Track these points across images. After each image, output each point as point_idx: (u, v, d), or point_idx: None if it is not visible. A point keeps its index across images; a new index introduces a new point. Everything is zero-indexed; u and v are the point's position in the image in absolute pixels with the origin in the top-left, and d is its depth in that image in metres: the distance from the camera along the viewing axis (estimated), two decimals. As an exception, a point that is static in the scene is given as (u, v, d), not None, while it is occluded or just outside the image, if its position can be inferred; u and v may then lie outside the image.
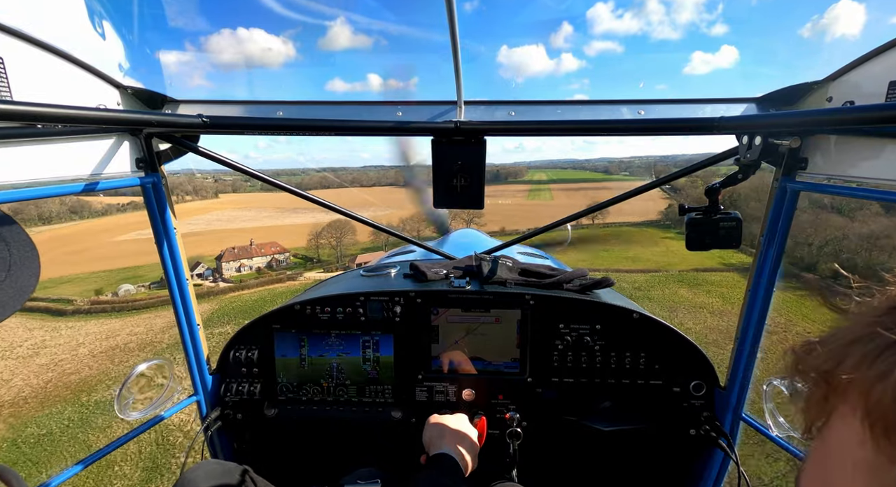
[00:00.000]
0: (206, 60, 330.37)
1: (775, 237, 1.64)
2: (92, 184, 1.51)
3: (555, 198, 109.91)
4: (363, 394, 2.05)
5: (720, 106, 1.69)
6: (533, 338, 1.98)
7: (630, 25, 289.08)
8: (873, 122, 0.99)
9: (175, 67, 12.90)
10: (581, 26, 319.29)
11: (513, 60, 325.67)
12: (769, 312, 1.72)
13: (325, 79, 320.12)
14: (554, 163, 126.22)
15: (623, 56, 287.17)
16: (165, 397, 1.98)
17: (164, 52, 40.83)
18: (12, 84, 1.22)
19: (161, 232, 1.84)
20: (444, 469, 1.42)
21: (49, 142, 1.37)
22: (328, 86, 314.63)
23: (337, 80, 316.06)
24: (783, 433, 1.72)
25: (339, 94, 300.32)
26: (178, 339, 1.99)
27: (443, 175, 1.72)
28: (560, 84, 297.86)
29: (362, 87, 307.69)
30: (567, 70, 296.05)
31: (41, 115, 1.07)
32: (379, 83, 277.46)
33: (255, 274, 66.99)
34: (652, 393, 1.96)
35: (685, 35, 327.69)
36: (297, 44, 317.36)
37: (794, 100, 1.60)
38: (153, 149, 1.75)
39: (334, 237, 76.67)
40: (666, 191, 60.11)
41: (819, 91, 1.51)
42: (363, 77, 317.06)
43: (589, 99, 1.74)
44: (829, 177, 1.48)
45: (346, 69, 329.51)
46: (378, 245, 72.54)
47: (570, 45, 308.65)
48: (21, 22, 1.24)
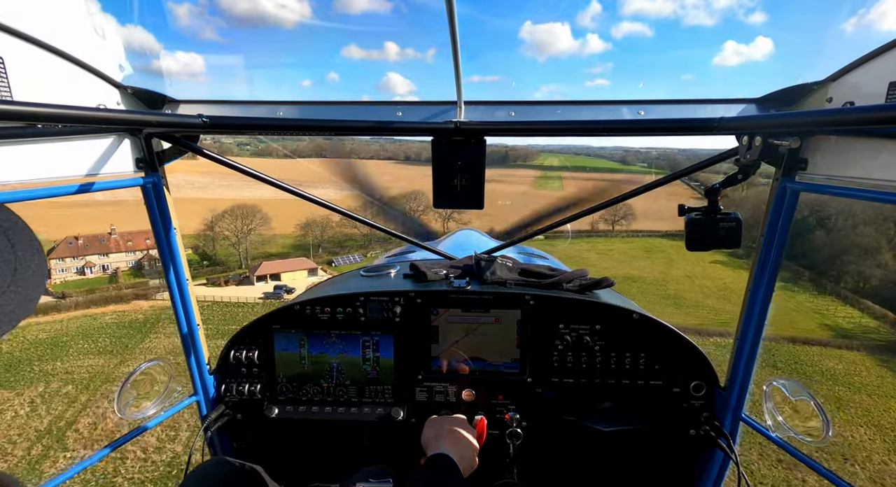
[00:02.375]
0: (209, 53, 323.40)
1: (775, 237, 1.64)
2: (92, 184, 1.51)
3: (565, 188, 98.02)
4: (363, 394, 2.05)
5: (720, 106, 1.69)
6: (533, 339, 1.98)
7: (663, 7, 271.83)
8: (873, 123, 0.99)
9: (175, 67, 12.72)
10: (610, 5, 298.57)
11: (536, 37, 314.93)
12: (769, 312, 1.72)
13: (341, 44, 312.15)
14: (568, 148, 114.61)
15: (651, 40, 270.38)
16: (165, 397, 1.98)
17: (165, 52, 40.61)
18: (12, 84, 1.22)
19: (161, 232, 1.84)
20: (441, 470, 1.42)
21: (49, 141, 1.37)
22: (344, 51, 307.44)
23: (353, 45, 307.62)
24: (783, 433, 1.73)
25: (355, 61, 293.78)
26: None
27: (443, 175, 1.72)
28: (582, 66, 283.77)
29: (379, 55, 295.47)
30: (591, 51, 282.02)
31: (41, 115, 1.07)
32: (396, 51, 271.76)
33: (107, 279, 44.94)
34: (652, 394, 1.96)
35: (720, 21, 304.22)
36: (312, 2, 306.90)
37: (794, 101, 1.60)
38: (153, 148, 1.75)
39: (243, 224, 58.61)
40: (695, 189, 43.10)
41: (819, 91, 1.52)
42: (380, 44, 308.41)
43: (589, 99, 1.74)
44: (829, 177, 1.48)
45: (362, 35, 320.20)
46: (305, 243, 61.94)
47: (596, 24, 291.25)
48: (21, 22, 1.24)
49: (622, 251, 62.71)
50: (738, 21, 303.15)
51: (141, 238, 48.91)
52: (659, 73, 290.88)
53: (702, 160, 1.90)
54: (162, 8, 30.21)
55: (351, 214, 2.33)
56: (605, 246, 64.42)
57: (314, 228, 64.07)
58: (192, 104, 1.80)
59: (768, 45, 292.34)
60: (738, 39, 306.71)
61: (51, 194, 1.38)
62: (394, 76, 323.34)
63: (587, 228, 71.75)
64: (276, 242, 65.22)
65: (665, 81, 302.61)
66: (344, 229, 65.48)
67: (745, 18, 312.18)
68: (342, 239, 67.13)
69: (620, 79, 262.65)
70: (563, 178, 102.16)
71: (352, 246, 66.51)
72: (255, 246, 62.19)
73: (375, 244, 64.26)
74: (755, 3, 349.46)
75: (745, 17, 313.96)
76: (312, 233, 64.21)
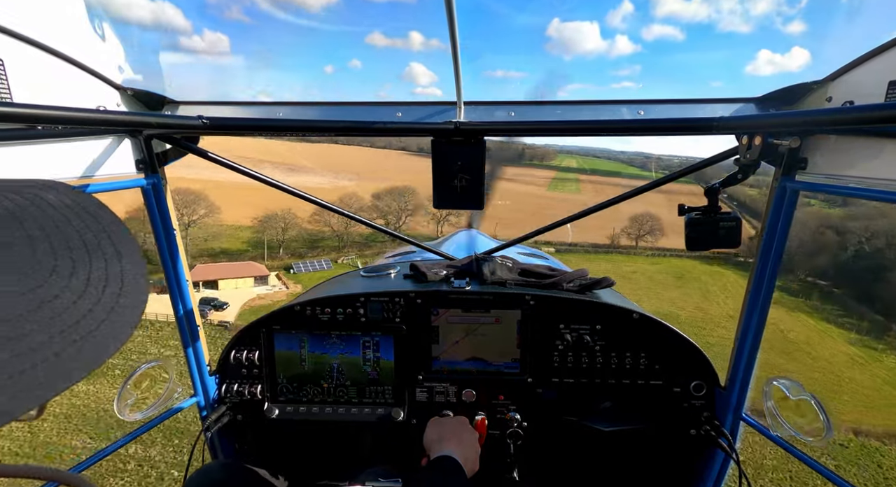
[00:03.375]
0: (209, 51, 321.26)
1: (775, 237, 1.64)
2: (92, 185, 1.52)
3: (582, 192, 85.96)
4: (363, 395, 2.05)
5: (720, 106, 1.69)
6: (533, 339, 1.98)
7: (698, 10, 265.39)
8: (873, 122, 0.99)
9: (175, 67, 12.59)
10: (643, 5, 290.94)
11: (563, 35, 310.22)
12: (769, 312, 1.72)
13: (365, 31, 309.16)
14: (587, 150, 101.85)
15: (682, 44, 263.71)
16: (166, 398, 1.98)
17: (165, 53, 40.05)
18: (12, 85, 1.22)
19: (161, 233, 1.84)
20: (446, 472, 1.42)
21: (49, 143, 1.37)
22: (368, 38, 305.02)
23: (377, 33, 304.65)
24: (783, 433, 1.73)
25: (379, 49, 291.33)
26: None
27: (442, 175, 1.72)
28: (608, 68, 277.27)
29: (403, 44, 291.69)
30: (619, 53, 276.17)
31: (41, 117, 1.07)
32: (420, 41, 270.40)
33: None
34: (652, 394, 1.96)
35: (756, 29, 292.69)
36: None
37: (794, 100, 1.60)
38: (153, 150, 1.75)
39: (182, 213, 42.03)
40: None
41: (819, 91, 1.52)
42: (405, 34, 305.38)
43: (589, 99, 1.74)
44: (829, 176, 1.48)
45: (388, 22, 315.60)
46: (264, 240, 51.82)
47: (626, 25, 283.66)
48: (21, 23, 1.24)
49: (648, 275, 50.58)
50: (775, 29, 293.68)
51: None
52: (688, 76, 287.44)
53: (701, 160, 1.90)
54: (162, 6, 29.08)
55: (351, 215, 2.33)
56: (628, 267, 53.38)
57: (274, 223, 53.10)
58: (191, 105, 1.80)
59: (804, 56, 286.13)
60: (772, 48, 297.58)
61: None
62: (416, 66, 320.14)
63: (606, 242, 63.19)
64: (226, 237, 54.77)
65: (693, 86, 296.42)
66: (312, 226, 55.71)
67: (782, 27, 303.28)
68: (311, 238, 57.21)
69: (648, 81, 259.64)
70: (581, 181, 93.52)
71: (323, 249, 56.38)
72: (196, 243, 49.46)
73: (350, 247, 56.68)
74: (795, 10, 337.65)
75: (783, 26, 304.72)
76: (272, 229, 53.18)
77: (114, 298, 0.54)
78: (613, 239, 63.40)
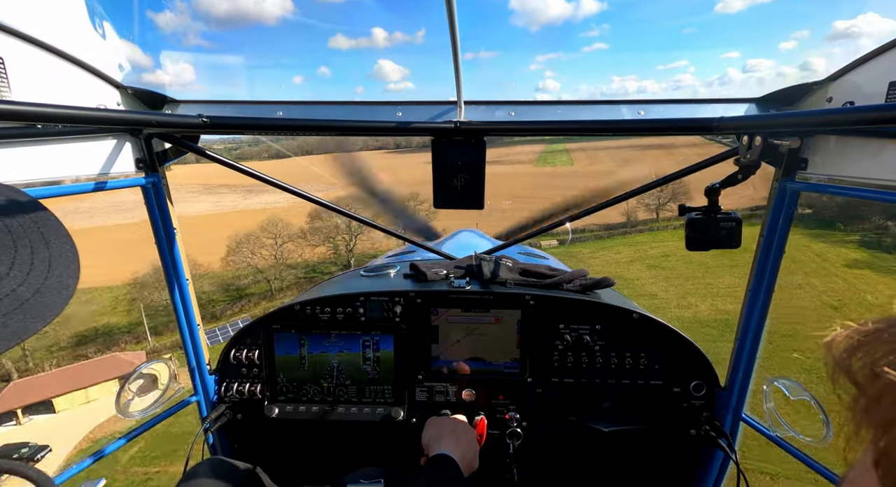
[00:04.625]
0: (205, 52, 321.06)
1: (775, 237, 1.65)
2: (92, 184, 1.52)
3: (575, 162, 74.66)
4: (363, 394, 2.05)
5: (720, 106, 1.69)
6: (533, 339, 1.98)
7: None
8: (873, 123, 0.99)
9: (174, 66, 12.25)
10: None
11: (526, 7, 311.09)
12: (769, 312, 1.72)
13: (328, 34, 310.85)
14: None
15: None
16: (166, 397, 1.98)
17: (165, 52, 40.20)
18: (12, 84, 1.22)
19: (161, 232, 1.84)
20: (444, 470, 1.42)
21: (49, 142, 1.37)
22: (331, 42, 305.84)
23: (339, 36, 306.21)
24: (783, 433, 1.73)
25: (345, 52, 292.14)
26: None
27: (443, 175, 1.72)
28: (578, 30, 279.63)
29: (368, 43, 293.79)
30: (586, 14, 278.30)
31: (41, 115, 1.07)
32: (384, 37, 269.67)
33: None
34: (652, 394, 1.96)
35: None
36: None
37: (794, 101, 1.61)
38: (153, 149, 1.75)
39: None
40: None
41: (819, 91, 1.52)
42: (368, 32, 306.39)
43: (589, 99, 1.75)
44: (830, 177, 1.48)
45: (349, 23, 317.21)
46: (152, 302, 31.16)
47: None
48: (21, 22, 1.24)
49: (685, 257, 35.07)
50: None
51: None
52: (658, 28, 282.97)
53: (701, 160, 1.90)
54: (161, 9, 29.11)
55: (351, 214, 2.33)
56: (656, 249, 39.67)
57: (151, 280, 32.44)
58: (192, 104, 1.80)
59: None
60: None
61: (50, 194, 1.38)
62: (385, 63, 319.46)
63: (621, 220, 50.57)
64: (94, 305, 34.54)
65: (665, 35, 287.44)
66: (229, 268, 37.17)
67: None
68: (228, 286, 38.82)
69: (619, 41, 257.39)
70: (570, 151, 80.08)
71: (250, 299, 37.94)
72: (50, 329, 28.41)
73: (288, 290, 38.71)
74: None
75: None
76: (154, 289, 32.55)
77: (39, 280, 0.66)
78: (629, 213, 50.54)
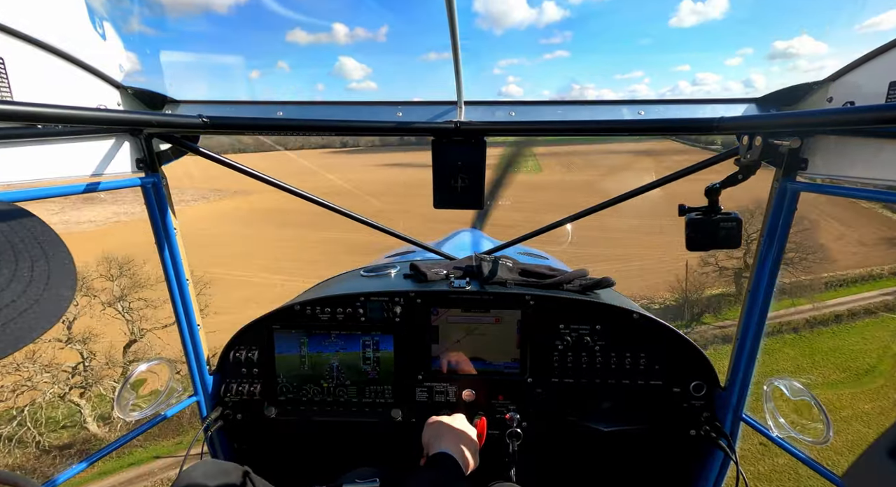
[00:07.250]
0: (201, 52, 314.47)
1: (775, 237, 1.64)
2: (92, 184, 1.52)
3: (544, 171, 64.66)
4: (363, 395, 2.05)
5: (720, 106, 1.69)
6: (533, 339, 1.98)
7: None
8: (873, 123, 0.99)
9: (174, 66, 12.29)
10: None
11: (491, 10, 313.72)
12: (769, 312, 1.72)
13: (285, 28, 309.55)
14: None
15: (609, 4, 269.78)
16: (166, 397, 1.98)
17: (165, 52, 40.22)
18: (13, 84, 1.22)
19: (161, 232, 1.84)
20: (444, 469, 1.42)
21: (49, 142, 1.37)
22: (289, 36, 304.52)
23: (298, 30, 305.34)
24: (783, 433, 1.72)
25: (302, 47, 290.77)
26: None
27: (443, 175, 1.72)
28: (541, 36, 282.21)
29: (328, 39, 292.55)
30: (549, 20, 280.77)
31: (41, 116, 1.07)
32: (345, 33, 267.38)
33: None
34: (652, 394, 1.96)
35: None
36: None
37: (795, 101, 1.61)
38: (153, 149, 1.75)
39: None
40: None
41: (819, 91, 1.52)
42: (328, 27, 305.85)
43: (589, 99, 1.75)
44: (830, 177, 1.48)
45: (308, 17, 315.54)
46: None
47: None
48: (21, 22, 1.24)
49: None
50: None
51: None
52: (618, 39, 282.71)
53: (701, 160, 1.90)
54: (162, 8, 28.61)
55: (351, 214, 2.32)
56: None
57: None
58: (192, 104, 1.80)
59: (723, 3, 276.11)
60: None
61: (51, 195, 1.38)
62: (347, 60, 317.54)
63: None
64: None
65: (623, 48, 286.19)
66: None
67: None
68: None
69: (580, 49, 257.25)
70: (538, 157, 69.77)
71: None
72: None
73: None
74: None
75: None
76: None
77: (38, 292, 0.67)
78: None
